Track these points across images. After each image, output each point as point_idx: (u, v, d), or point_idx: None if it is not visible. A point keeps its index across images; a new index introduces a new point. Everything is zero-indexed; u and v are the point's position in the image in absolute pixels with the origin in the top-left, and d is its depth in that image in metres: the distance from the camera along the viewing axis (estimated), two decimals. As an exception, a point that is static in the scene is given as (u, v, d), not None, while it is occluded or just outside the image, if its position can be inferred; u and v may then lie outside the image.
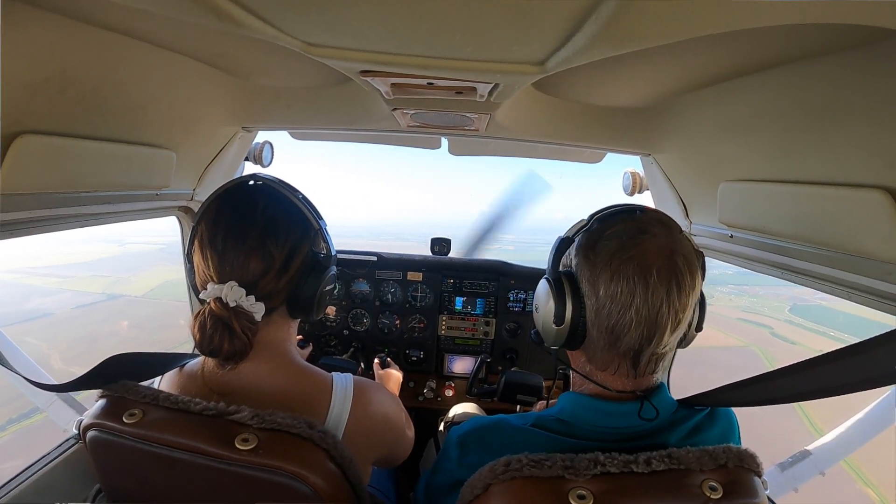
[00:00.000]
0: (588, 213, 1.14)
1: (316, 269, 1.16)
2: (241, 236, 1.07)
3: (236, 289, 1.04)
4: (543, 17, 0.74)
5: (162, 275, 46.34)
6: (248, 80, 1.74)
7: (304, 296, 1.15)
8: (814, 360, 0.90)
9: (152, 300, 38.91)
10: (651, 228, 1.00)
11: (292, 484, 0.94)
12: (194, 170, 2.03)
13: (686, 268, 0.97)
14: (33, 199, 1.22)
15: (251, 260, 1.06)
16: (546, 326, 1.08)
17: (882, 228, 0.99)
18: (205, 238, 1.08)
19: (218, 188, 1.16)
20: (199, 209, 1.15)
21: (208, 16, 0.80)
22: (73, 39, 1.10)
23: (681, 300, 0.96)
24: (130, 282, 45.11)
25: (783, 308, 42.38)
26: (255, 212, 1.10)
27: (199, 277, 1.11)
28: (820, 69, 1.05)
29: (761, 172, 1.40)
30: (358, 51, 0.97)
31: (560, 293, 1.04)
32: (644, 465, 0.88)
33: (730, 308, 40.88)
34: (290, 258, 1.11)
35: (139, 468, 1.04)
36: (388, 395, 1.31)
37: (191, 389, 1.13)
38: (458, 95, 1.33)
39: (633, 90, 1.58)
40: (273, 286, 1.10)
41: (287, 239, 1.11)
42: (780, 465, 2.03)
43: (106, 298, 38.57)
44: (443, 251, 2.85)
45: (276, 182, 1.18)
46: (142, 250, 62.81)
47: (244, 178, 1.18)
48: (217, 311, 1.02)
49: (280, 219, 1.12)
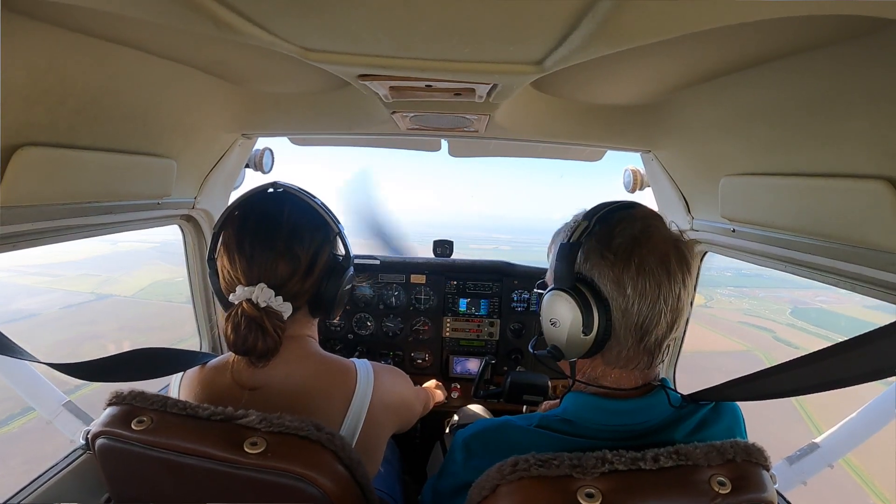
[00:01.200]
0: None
1: (336, 271, 1.23)
2: (269, 241, 1.13)
3: (266, 290, 1.10)
4: (540, 16, 0.74)
5: (153, 274, 45.62)
6: (247, 87, 1.75)
7: (326, 296, 1.22)
8: (817, 354, 0.90)
9: (141, 301, 38.04)
10: (651, 221, 1.04)
11: (301, 486, 0.95)
12: (195, 178, 2.03)
13: (687, 252, 1.02)
14: (35, 212, 1.22)
15: (279, 263, 1.13)
16: (572, 338, 1.03)
17: (885, 219, 0.98)
18: (231, 243, 1.15)
19: (240, 196, 1.23)
20: (221, 215, 1.20)
21: (206, 24, 0.80)
22: (72, 50, 1.11)
23: (691, 283, 1.01)
24: (121, 281, 44.19)
25: (784, 311, 41.95)
26: (280, 217, 1.17)
27: (224, 281, 1.17)
28: (818, 61, 1.04)
29: (762, 166, 1.39)
30: (356, 55, 0.97)
31: (584, 301, 1.00)
32: (652, 462, 0.87)
33: (731, 311, 40.26)
34: (314, 260, 1.18)
35: (148, 475, 1.04)
36: (400, 375, 1.42)
37: (220, 384, 1.17)
38: (457, 97, 1.33)
39: (632, 87, 1.58)
40: (299, 287, 1.17)
41: (311, 242, 1.18)
42: (789, 459, 2.01)
43: (94, 299, 37.36)
44: (445, 253, 2.85)
45: (297, 189, 1.24)
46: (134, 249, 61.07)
47: (265, 186, 1.24)
48: (249, 311, 1.07)
49: (304, 223, 1.19)
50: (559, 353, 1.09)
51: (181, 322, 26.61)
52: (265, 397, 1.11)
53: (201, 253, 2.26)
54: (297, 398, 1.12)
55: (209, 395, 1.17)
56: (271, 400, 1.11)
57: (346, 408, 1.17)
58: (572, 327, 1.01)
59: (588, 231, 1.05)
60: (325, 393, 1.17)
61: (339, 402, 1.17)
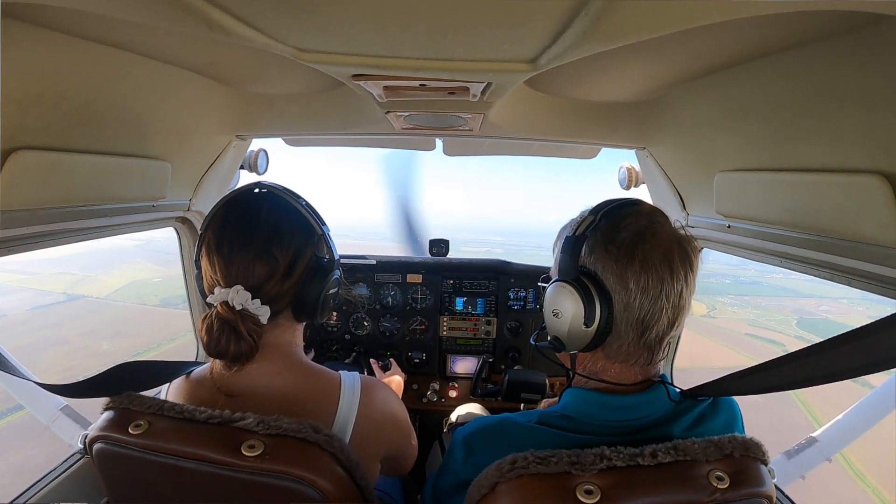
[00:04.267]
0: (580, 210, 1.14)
1: (319, 273, 1.18)
2: (247, 241, 1.10)
3: (242, 292, 1.07)
4: (534, 15, 0.74)
5: (132, 273, 44.19)
6: (240, 88, 1.74)
7: (308, 299, 1.18)
8: (814, 347, 0.91)
9: (113, 302, 36.12)
10: (656, 218, 1.04)
11: (300, 488, 0.95)
12: (190, 180, 2.03)
13: (691, 251, 1.02)
14: (30, 216, 1.22)
15: (256, 264, 1.10)
16: (574, 330, 1.03)
17: (879, 213, 0.99)
18: (212, 244, 1.11)
19: (224, 196, 1.20)
20: (206, 216, 1.18)
21: (199, 26, 0.80)
22: (65, 54, 1.10)
23: (693, 282, 1.01)
24: (97, 280, 42.20)
25: (790, 322, 41.11)
26: (259, 218, 1.14)
27: (206, 282, 1.14)
28: (811, 56, 1.05)
29: (757, 161, 1.40)
30: (350, 55, 0.97)
31: (587, 293, 1.01)
32: (650, 458, 0.88)
33: (736, 322, 39.10)
34: (293, 262, 1.14)
35: (146, 479, 1.04)
36: (393, 394, 1.33)
37: (200, 394, 1.15)
38: (451, 96, 1.33)
39: (626, 84, 1.58)
40: (278, 290, 1.13)
41: (291, 244, 1.14)
42: (787, 454, 2.02)
43: (65, 299, 35.63)
44: (441, 252, 2.85)
45: (280, 189, 1.21)
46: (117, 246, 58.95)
47: (249, 186, 1.21)
48: (224, 314, 1.05)
49: (283, 224, 1.15)
50: (560, 344, 1.10)
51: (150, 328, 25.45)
52: (246, 405, 1.06)
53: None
54: (277, 409, 1.05)
55: (193, 403, 1.11)
56: (252, 408, 1.06)
57: (329, 423, 1.14)
58: (574, 319, 1.02)
59: (594, 225, 1.06)
60: (307, 405, 1.14)
61: (323, 417, 1.13)
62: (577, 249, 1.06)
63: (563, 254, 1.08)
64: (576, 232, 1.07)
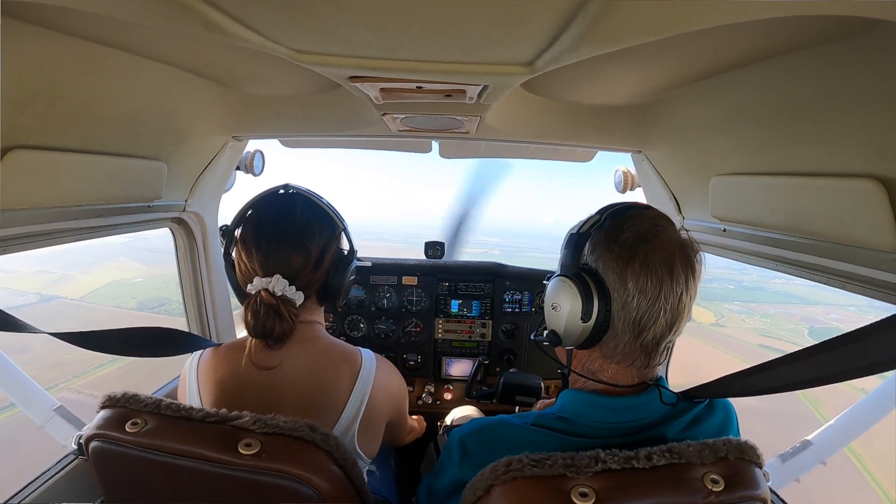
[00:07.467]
0: (581, 216, 1.15)
1: (342, 263, 1.37)
2: (283, 236, 1.27)
3: (281, 280, 1.23)
4: (530, 18, 0.74)
5: (114, 273, 42.35)
6: (237, 89, 1.74)
7: (333, 285, 1.35)
8: (812, 349, 0.91)
9: (88, 305, 33.42)
10: (661, 222, 1.05)
11: (296, 487, 0.95)
12: (186, 180, 2.02)
13: (695, 257, 1.02)
14: (25, 215, 1.21)
15: (293, 256, 1.26)
16: (571, 324, 1.05)
17: (874, 217, 0.99)
18: (249, 239, 1.28)
19: (253, 197, 1.36)
20: (235, 215, 1.33)
21: (196, 26, 0.80)
22: (61, 53, 1.10)
23: (694, 287, 1.01)
24: (75, 280, 39.74)
25: (801, 331, 39.21)
26: (293, 215, 1.30)
27: (240, 273, 1.30)
28: (807, 60, 1.05)
29: (752, 165, 1.40)
30: (346, 56, 0.97)
31: (586, 288, 1.02)
32: (645, 461, 0.88)
33: (746, 331, 36.63)
34: (323, 254, 1.31)
35: (143, 477, 1.04)
36: (397, 371, 1.52)
37: (237, 362, 1.26)
38: (447, 98, 1.33)
39: (622, 88, 1.58)
40: (310, 278, 1.29)
41: (321, 238, 1.31)
42: (781, 456, 2.02)
43: (38, 300, 32.90)
44: (437, 254, 2.85)
45: (306, 190, 1.38)
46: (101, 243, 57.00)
47: (278, 188, 1.38)
48: (267, 299, 1.20)
49: (314, 221, 1.32)
50: (557, 338, 1.11)
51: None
52: (279, 376, 1.23)
53: (192, 256, 2.25)
54: (307, 377, 1.24)
55: (227, 372, 1.27)
56: (285, 377, 1.24)
57: (351, 387, 1.27)
58: (572, 313, 1.03)
59: (598, 224, 1.08)
60: (333, 372, 1.28)
61: (346, 382, 1.28)
62: (580, 246, 1.08)
63: (566, 249, 1.10)
64: (580, 229, 1.10)
